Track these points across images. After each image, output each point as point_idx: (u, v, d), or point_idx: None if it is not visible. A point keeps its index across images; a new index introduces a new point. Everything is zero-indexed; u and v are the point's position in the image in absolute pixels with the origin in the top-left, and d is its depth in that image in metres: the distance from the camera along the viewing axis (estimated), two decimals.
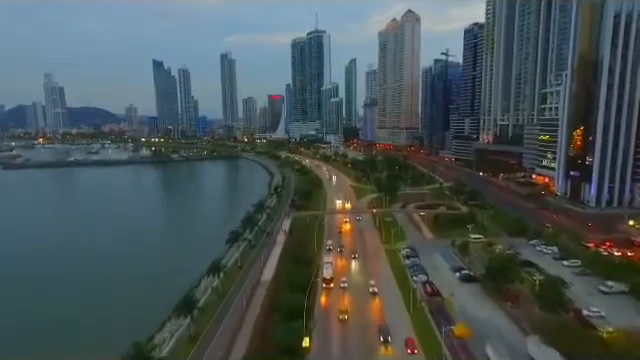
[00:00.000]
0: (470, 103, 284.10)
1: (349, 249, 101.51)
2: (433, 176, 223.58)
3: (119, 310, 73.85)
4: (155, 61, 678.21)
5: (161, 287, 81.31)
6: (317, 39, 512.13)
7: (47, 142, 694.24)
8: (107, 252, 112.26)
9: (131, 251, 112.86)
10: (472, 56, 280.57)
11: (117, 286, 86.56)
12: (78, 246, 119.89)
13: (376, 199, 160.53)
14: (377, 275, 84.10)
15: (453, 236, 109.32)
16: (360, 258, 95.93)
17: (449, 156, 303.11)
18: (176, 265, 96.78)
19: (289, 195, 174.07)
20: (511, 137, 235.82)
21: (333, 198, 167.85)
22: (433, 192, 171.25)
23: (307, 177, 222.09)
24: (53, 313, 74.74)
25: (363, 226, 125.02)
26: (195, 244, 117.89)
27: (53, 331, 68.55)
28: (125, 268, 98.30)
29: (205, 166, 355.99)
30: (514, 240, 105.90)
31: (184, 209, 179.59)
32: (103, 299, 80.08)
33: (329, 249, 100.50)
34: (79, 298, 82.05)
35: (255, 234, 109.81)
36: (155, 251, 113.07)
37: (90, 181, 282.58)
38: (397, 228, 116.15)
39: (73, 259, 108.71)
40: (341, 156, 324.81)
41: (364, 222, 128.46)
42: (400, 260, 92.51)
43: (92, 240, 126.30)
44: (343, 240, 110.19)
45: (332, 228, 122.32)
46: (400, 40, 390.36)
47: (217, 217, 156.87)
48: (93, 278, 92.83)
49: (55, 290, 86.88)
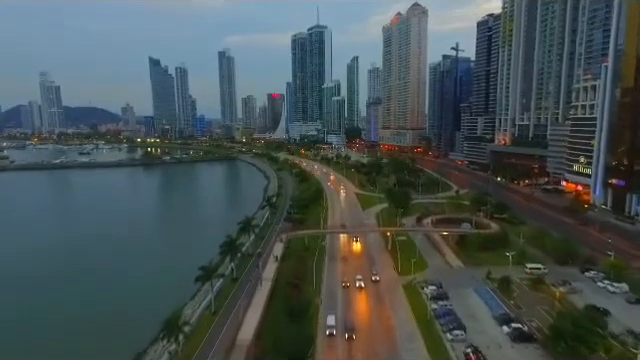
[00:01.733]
0: (484, 101, 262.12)
1: (356, 283, 79.61)
2: (445, 181, 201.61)
3: None
4: (151, 59, 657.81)
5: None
6: (318, 35, 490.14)
7: (40, 142, 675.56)
8: (44, 278, 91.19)
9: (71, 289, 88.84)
10: (486, 50, 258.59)
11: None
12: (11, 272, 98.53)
13: (385, 210, 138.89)
14: (396, 330, 62.48)
15: (486, 263, 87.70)
16: (372, 298, 74.22)
17: (460, 159, 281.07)
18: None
19: (285, 205, 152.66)
20: (532, 138, 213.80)
21: (335, 209, 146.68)
22: (450, 202, 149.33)
23: (306, 184, 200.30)
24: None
25: (372, 247, 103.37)
26: (164, 282, 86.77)
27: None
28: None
29: (198, 169, 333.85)
30: (563, 270, 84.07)
31: (162, 223, 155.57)
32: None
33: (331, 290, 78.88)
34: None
35: (238, 263, 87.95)
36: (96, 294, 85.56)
37: (69, 186, 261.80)
38: (414, 251, 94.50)
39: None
40: (343, 158, 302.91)
41: (373, 241, 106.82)
42: (424, 303, 70.49)
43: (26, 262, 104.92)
44: (348, 269, 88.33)
45: (335, 250, 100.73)
46: (405, 34, 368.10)
47: (200, 236, 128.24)
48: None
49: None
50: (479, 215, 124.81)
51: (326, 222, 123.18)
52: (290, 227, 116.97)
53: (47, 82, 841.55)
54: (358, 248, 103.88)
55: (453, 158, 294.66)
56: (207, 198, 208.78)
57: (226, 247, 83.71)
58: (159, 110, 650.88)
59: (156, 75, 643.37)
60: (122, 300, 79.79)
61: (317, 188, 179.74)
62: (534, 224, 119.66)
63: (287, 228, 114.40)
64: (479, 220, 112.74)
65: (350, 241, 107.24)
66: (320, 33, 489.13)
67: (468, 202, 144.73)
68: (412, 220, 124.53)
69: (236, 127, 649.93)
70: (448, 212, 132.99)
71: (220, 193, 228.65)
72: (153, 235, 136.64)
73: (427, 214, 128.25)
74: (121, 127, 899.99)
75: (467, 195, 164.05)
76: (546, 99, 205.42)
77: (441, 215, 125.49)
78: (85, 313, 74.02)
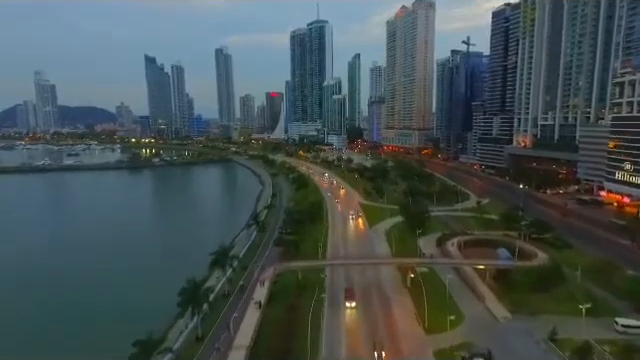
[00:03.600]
0: (500, 99, 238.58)
1: (368, 345, 56.48)
2: (462, 189, 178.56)
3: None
4: (147, 56, 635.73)
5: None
6: (318, 30, 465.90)
7: (32, 142, 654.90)
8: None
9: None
10: (503, 43, 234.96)
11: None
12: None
13: (397, 228, 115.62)
14: None
15: (542, 311, 64.73)
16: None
17: (473, 162, 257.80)
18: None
19: (278, 219, 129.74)
20: (557, 140, 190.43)
21: (337, 225, 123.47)
22: (474, 217, 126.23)
23: (304, 191, 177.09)
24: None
25: (386, 282, 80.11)
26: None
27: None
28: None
29: (189, 172, 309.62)
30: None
31: (130, 242, 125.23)
32: None
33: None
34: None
35: (206, 315, 64.39)
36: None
37: (43, 192, 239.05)
38: (442, 291, 71.44)
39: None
40: (345, 161, 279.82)
41: (386, 273, 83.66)
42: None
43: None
44: (356, 325, 65.03)
45: (337, 288, 77.50)
46: (411, 28, 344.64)
47: (173, 266, 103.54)
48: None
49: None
50: (513, 235, 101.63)
51: (326, 245, 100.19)
52: (281, 253, 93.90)
53: (42, 81, 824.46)
54: (368, 283, 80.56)
55: (464, 161, 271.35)
56: (194, 208, 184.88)
57: (187, 295, 59.86)
58: (155, 109, 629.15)
59: (152, 73, 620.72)
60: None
61: (316, 198, 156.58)
62: (584, 249, 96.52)
63: (275, 257, 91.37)
64: (520, 245, 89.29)
65: (358, 272, 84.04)
66: (320, 28, 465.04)
67: (496, 217, 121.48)
68: (431, 242, 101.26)
69: (234, 127, 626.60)
70: (473, 229, 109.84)
71: (210, 202, 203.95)
72: (115, 262, 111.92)
73: (450, 233, 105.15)
74: (117, 127, 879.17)
75: (491, 206, 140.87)
76: (575, 96, 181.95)
77: (468, 236, 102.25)
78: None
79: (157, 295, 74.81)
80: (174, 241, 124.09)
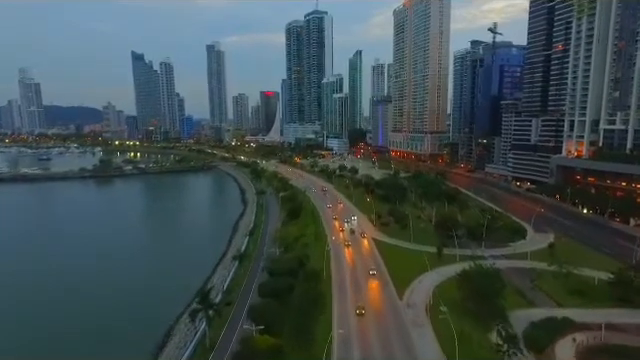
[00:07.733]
0: (539, 96, 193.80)
1: None
2: (508, 215, 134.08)
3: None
4: (134, 53, 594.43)
5: None
6: (317, 22, 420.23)
7: (8, 145, 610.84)
8: None
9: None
10: (545, 28, 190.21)
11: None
12: None
13: (445, 292, 70.42)
14: None
15: None
16: None
17: (502, 173, 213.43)
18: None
19: (253, 280, 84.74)
20: (631, 150, 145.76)
21: (345, 287, 78.28)
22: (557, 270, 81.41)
23: (296, 224, 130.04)
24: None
25: None
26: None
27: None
28: None
29: (163, 183, 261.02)
30: None
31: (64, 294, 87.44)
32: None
33: None
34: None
35: None
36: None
37: None
38: None
39: None
40: (349, 171, 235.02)
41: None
42: None
43: None
44: None
45: None
46: (424, 17, 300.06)
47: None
48: None
49: None
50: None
51: (331, 348, 55.50)
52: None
53: (26, 79, 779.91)
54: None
55: (492, 172, 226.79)
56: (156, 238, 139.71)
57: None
58: (143, 109, 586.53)
59: (139, 71, 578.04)
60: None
61: (314, 234, 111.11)
62: None
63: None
64: None
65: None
66: (319, 20, 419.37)
67: (593, 276, 76.72)
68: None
69: (226, 129, 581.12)
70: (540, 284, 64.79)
71: (181, 228, 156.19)
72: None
73: (549, 322, 60.26)
74: (104, 127, 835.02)
75: (569, 250, 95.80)
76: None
77: (590, 332, 57.19)
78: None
79: None
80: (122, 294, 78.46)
